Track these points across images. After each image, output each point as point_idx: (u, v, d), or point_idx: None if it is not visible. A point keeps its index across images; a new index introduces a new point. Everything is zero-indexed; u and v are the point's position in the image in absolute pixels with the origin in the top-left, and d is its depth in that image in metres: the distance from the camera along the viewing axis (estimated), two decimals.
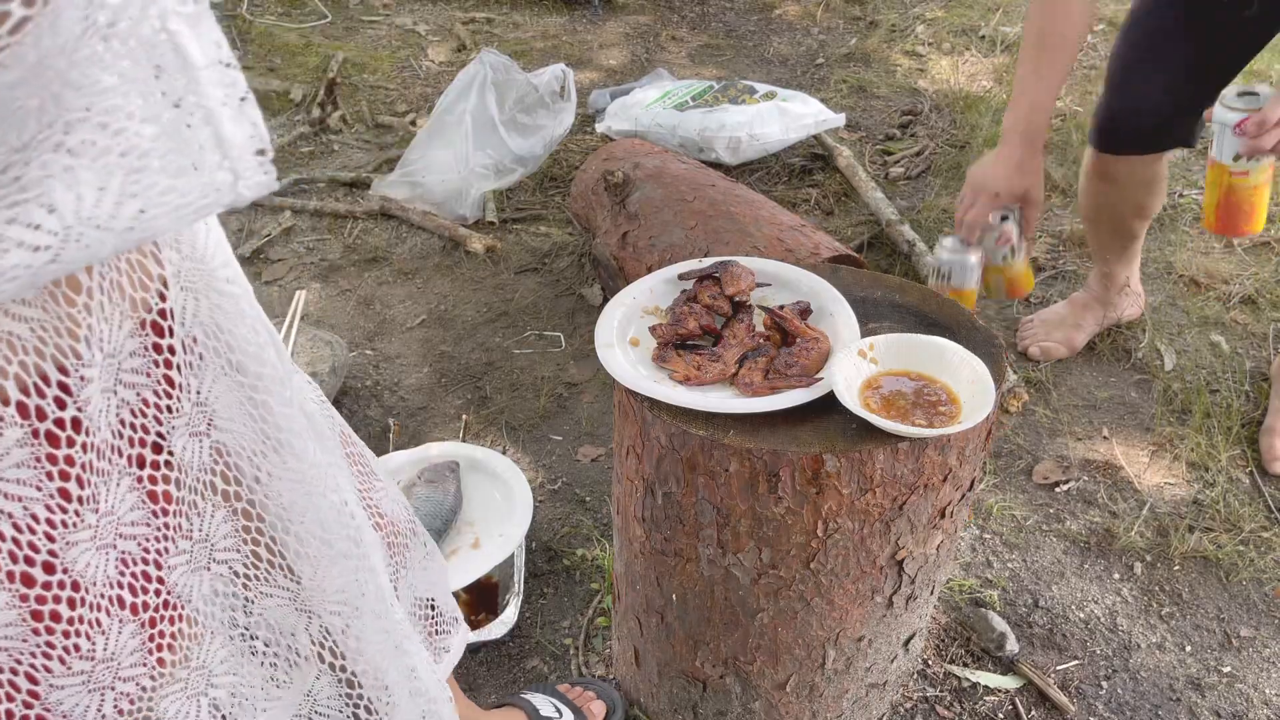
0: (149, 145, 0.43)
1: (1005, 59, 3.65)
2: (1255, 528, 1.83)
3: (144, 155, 0.43)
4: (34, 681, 0.60)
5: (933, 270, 1.69)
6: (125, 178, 0.43)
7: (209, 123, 0.44)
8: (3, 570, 0.55)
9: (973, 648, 1.63)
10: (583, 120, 3.30)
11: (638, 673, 1.46)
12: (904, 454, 1.06)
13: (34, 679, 0.60)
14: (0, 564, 0.55)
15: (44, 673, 0.60)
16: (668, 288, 1.31)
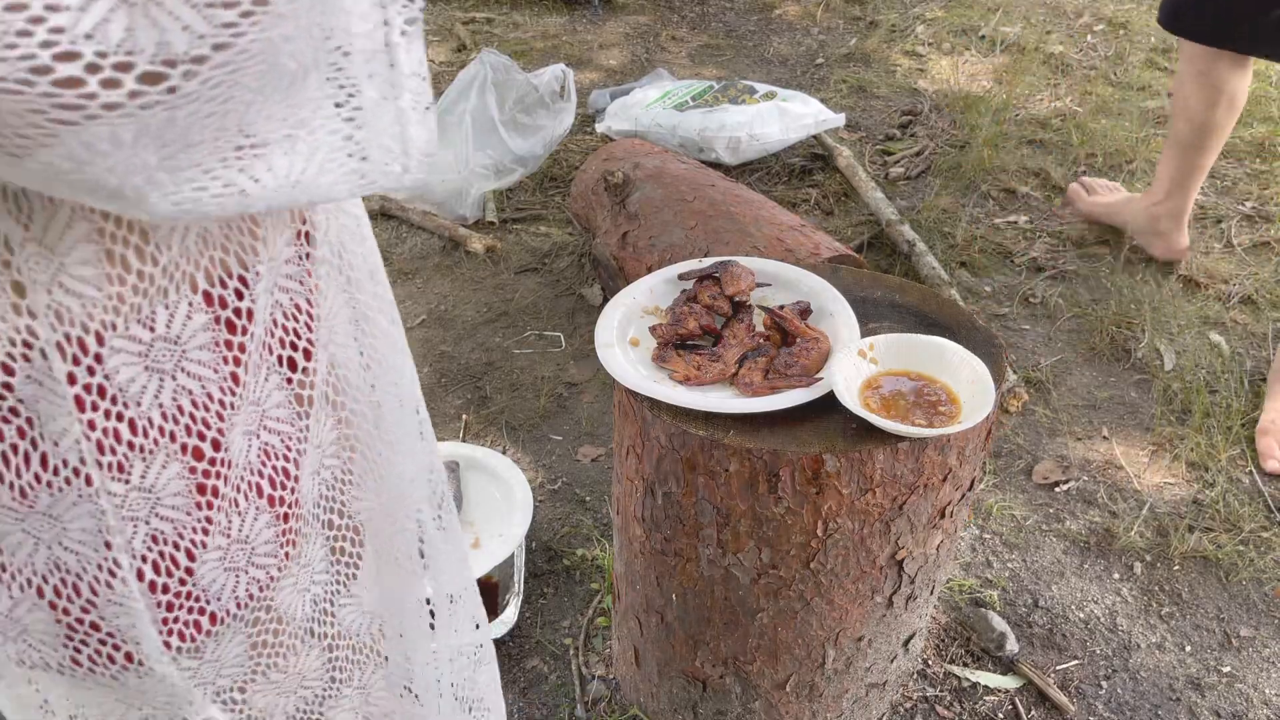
0: (351, 131, 0.51)
1: (1005, 59, 3.65)
2: (1255, 528, 1.83)
3: (346, 139, 0.50)
4: (191, 557, 0.65)
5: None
6: (328, 154, 0.50)
7: (399, 122, 0.52)
8: (180, 442, 0.61)
9: (973, 648, 1.63)
10: (583, 120, 3.30)
11: (638, 673, 1.46)
12: (904, 454, 1.06)
13: (191, 554, 0.64)
14: (179, 436, 0.60)
15: (200, 549, 0.65)
16: (668, 288, 1.31)
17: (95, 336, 0.56)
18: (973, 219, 2.77)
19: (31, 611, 0.63)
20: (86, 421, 0.56)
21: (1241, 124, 3.15)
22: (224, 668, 0.73)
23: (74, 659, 0.65)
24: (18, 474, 0.56)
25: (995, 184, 2.92)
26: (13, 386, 0.54)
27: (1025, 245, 2.66)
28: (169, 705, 0.71)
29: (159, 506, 0.62)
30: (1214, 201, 2.81)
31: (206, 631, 0.69)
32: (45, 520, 0.59)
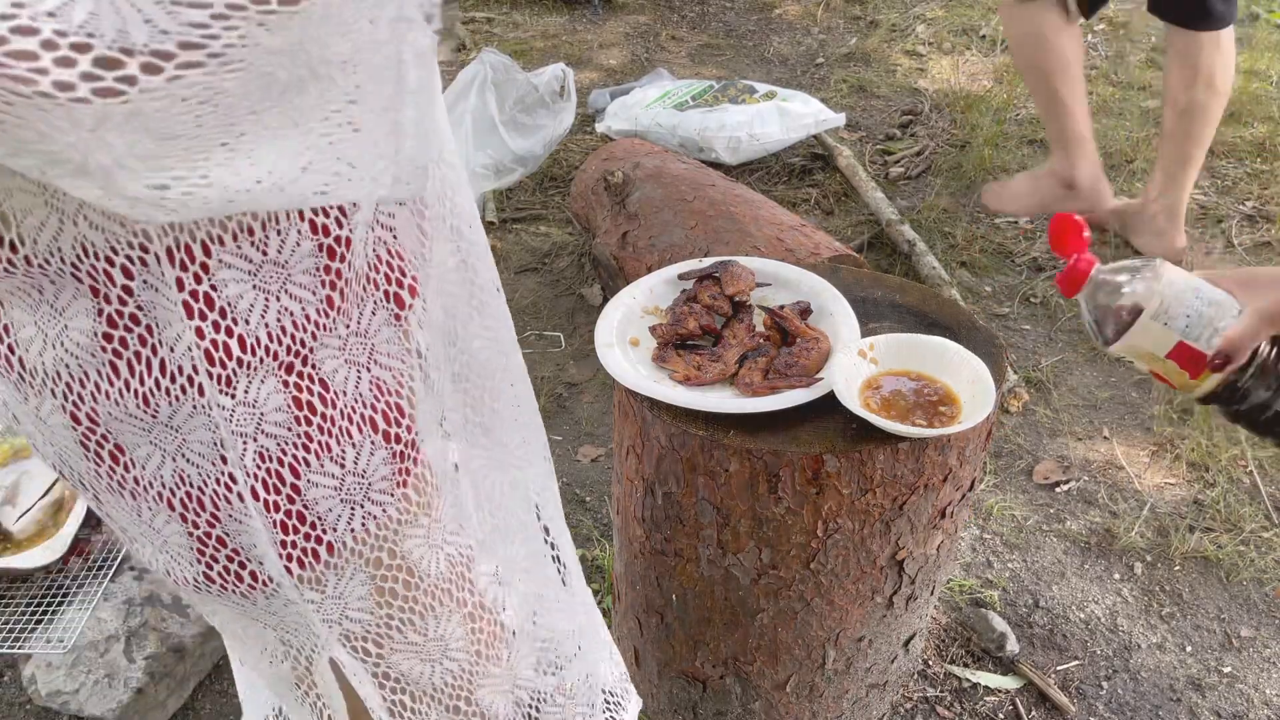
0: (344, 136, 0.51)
1: (1005, 59, 3.65)
2: (1255, 528, 1.83)
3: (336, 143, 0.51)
4: (296, 475, 0.67)
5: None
6: (316, 156, 0.50)
7: (395, 134, 0.52)
8: (281, 361, 0.64)
9: (973, 648, 1.62)
10: (583, 120, 3.30)
11: (638, 673, 1.46)
12: (904, 454, 1.06)
13: (296, 471, 0.67)
14: (280, 355, 0.64)
15: (303, 466, 0.67)
16: (668, 288, 1.30)
17: (201, 246, 0.58)
18: (973, 219, 2.77)
19: (168, 523, 0.66)
20: (195, 329, 0.59)
21: (1241, 124, 3.15)
22: (349, 608, 0.74)
23: (206, 574, 0.68)
24: (140, 380, 0.59)
25: None
26: (133, 290, 0.57)
27: (1026, 245, 2.66)
28: (299, 632, 0.74)
29: (264, 423, 0.65)
30: (1215, 201, 2.81)
31: (325, 562, 0.71)
32: (167, 431, 0.62)
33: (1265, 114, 3.19)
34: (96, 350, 0.59)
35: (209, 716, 1.56)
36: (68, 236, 0.55)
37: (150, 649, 1.49)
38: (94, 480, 0.65)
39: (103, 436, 0.62)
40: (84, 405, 0.60)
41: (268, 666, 0.78)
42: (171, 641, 1.52)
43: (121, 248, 0.56)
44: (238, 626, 0.76)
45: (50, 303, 0.57)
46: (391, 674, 0.79)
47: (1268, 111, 3.20)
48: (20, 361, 0.60)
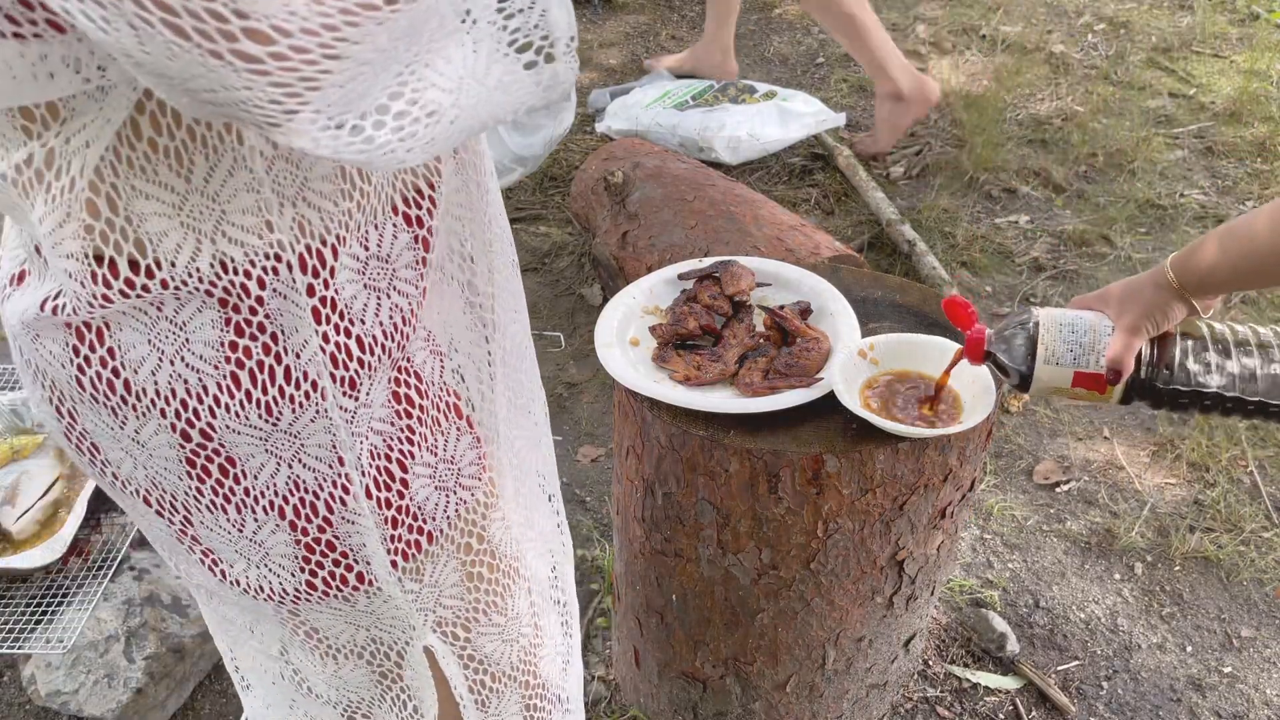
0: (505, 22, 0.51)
1: (1005, 58, 3.65)
2: (1256, 528, 1.82)
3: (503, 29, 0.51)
4: (404, 469, 0.67)
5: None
6: (493, 46, 0.50)
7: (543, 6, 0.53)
8: (391, 356, 0.64)
9: (973, 648, 1.62)
10: (583, 120, 3.30)
11: (638, 673, 1.46)
12: (904, 454, 1.06)
13: (404, 465, 0.67)
14: (392, 350, 0.64)
15: (409, 459, 0.68)
16: (668, 288, 1.30)
17: (331, 250, 0.59)
18: (973, 218, 2.77)
19: (274, 534, 0.66)
20: (322, 334, 0.60)
21: (1242, 124, 3.15)
22: (443, 595, 0.75)
23: (309, 582, 0.69)
24: (264, 390, 0.59)
25: (996, 183, 2.91)
26: (264, 300, 0.57)
27: (1026, 245, 2.65)
28: (393, 628, 0.75)
29: (374, 421, 0.65)
30: (1215, 201, 2.81)
31: (425, 551, 0.72)
32: (286, 438, 0.62)
33: (1265, 114, 3.19)
34: (220, 362, 0.58)
35: (209, 717, 1.56)
36: (205, 255, 0.55)
37: (150, 649, 1.49)
38: (193, 499, 0.64)
39: (214, 451, 0.61)
40: (199, 421, 0.60)
41: (331, 675, 0.78)
42: (171, 642, 1.52)
43: (259, 260, 0.56)
44: (325, 632, 0.75)
45: (170, 318, 0.57)
46: (476, 656, 0.81)
47: (1267, 111, 3.20)
48: (125, 384, 0.58)
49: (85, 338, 0.57)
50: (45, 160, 0.53)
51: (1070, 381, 0.96)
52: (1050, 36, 3.82)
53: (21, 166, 0.53)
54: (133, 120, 0.51)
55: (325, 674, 0.79)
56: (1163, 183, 2.88)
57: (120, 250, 0.54)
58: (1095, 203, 2.81)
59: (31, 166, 0.53)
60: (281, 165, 0.55)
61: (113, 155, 0.52)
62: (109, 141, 0.51)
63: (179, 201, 0.53)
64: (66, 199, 0.53)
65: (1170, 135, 3.12)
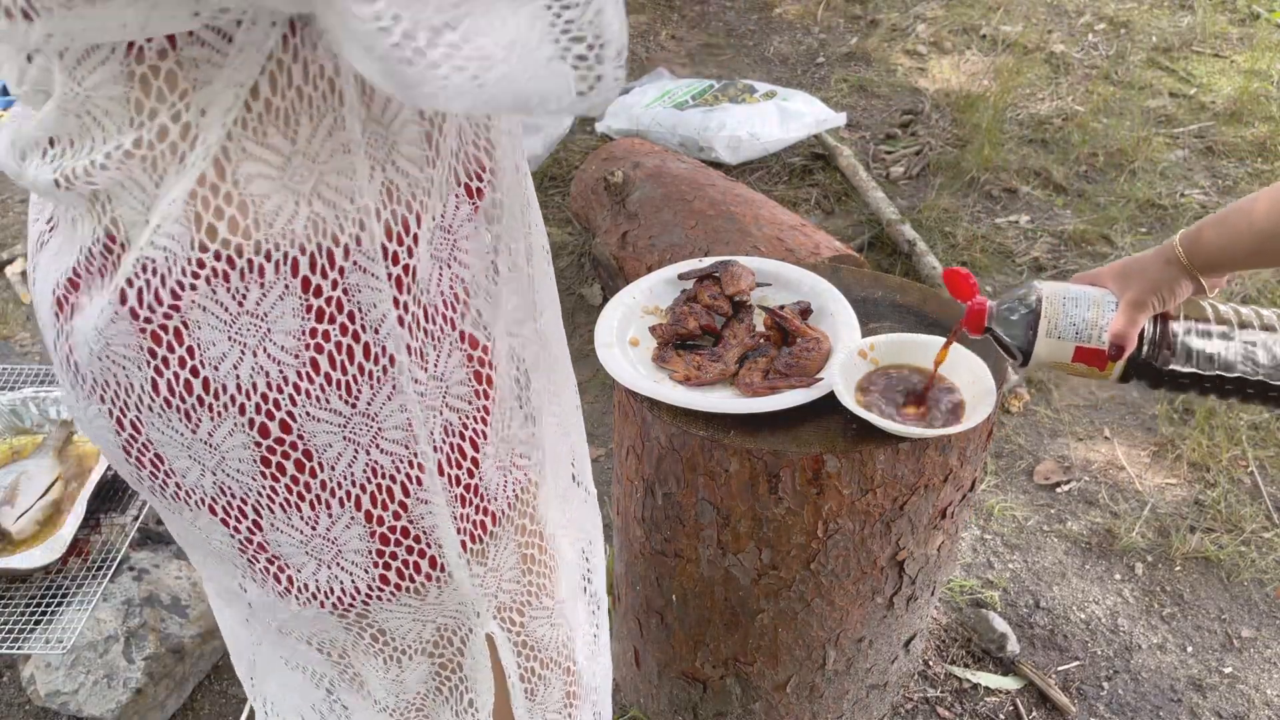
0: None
1: (1006, 58, 3.65)
2: (1256, 528, 1.82)
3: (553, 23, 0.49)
4: (475, 448, 0.67)
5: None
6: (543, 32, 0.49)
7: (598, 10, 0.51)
8: (459, 330, 0.64)
9: (973, 648, 1.62)
10: (583, 120, 3.30)
11: (638, 673, 1.45)
12: (905, 454, 1.06)
13: (475, 444, 0.67)
14: (458, 324, 0.64)
15: (481, 439, 0.68)
16: (668, 288, 1.30)
17: (415, 217, 0.59)
18: (974, 218, 2.77)
19: (348, 528, 0.65)
20: (402, 305, 0.60)
21: (1242, 124, 3.14)
22: (503, 579, 0.75)
23: (383, 576, 0.68)
24: (343, 370, 0.59)
25: (996, 183, 2.91)
26: (345, 272, 0.57)
27: (1026, 245, 2.65)
28: (458, 616, 0.74)
29: (448, 396, 0.65)
30: (1216, 201, 2.81)
31: (489, 533, 0.71)
32: (364, 421, 0.61)
33: (1265, 114, 3.19)
34: (301, 350, 0.58)
35: (208, 717, 1.56)
36: (301, 216, 0.55)
37: (149, 649, 1.49)
38: (265, 500, 0.63)
39: (291, 445, 0.60)
40: (278, 411, 0.59)
41: (393, 679, 0.78)
42: (170, 642, 1.51)
43: (347, 225, 0.56)
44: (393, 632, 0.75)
45: (252, 311, 0.56)
46: (529, 642, 0.80)
47: (1268, 111, 3.20)
48: (204, 383, 0.58)
49: (162, 340, 0.56)
50: (181, 133, 0.53)
51: (1071, 356, 0.94)
52: (1050, 36, 3.82)
53: (153, 141, 0.53)
54: (254, 84, 0.52)
55: (387, 679, 0.78)
56: (1163, 182, 2.88)
57: (221, 215, 0.54)
58: (1095, 202, 2.81)
59: (166, 139, 0.53)
60: (374, 128, 0.56)
61: (238, 122, 0.52)
62: (240, 110, 0.52)
63: (283, 163, 0.54)
64: (197, 168, 0.53)
65: (1170, 135, 3.12)
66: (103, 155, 0.53)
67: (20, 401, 1.71)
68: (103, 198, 0.55)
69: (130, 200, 0.55)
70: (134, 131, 0.53)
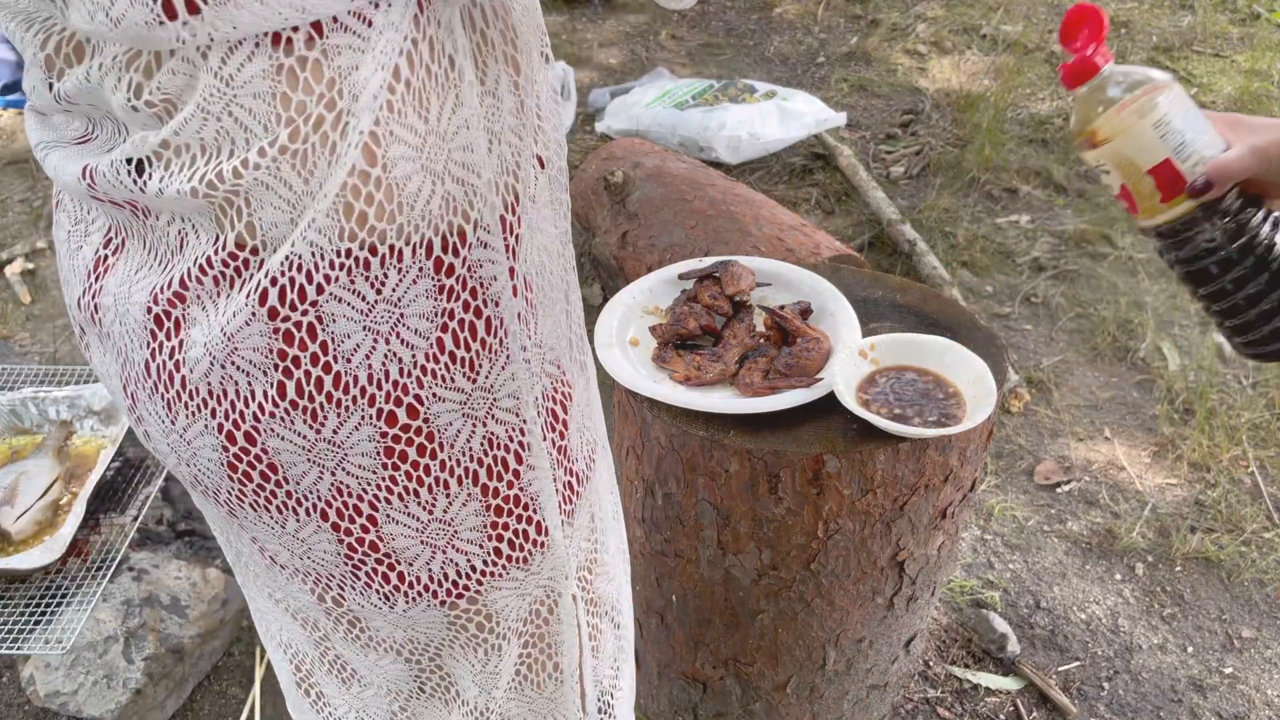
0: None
1: (1006, 58, 3.65)
2: (1257, 528, 1.82)
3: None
4: (565, 410, 0.69)
5: None
6: None
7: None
8: (548, 294, 0.66)
9: (974, 649, 1.62)
10: (583, 120, 3.30)
11: (638, 674, 1.45)
12: (905, 454, 1.06)
13: (565, 407, 0.69)
14: (547, 290, 0.66)
15: (569, 401, 0.69)
16: (668, 288, 1.30)
17: (522, 185, 0.60)
18: (974, 218, 2.77)
19: (465, 505, 0.65)
20: (517, 275, 0.61)
21: None
22: (581, 539, 0.76)
23: (496, 549, 0.69)
24: (466, 347, 0.60)
25: (997, 183, 2.91)
26: (472, 248, 0.58)
27: (1027, 245, 2.65)
28: (551, 582, 0.75)
29: (546, 362, 0.67)
30: None
31: (576, 493, 0.73)
32: (482, 395, 0.62)
33: (1266, 113, 3.18)
34: (431, 331, 0.58)
35: (208, 717, 1.56)
36: (438, 196, 0.55)
37: (149, 650, 1.49)
38: (384, 493, 0.62)
39: (416, 430, 0.60)
40: (406, 398, 0.59)
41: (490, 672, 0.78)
42: (170, 643, 1.51)
43: (476, 200, 0.57)
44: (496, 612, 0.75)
45: (389, 298, 0.56)
46: (593, 598, 0.81)
47: (1268, 111, 3.20)
48: (335, 378, 0.57)
49: (295, 338, 0.56)
50: (334, 122, 0.52)
51: (1152, 164, 0.83)
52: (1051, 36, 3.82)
53: (308, 133, 0.52)
54: (395, 65, 0.52)
55: (484, 673, 0.77)
56: None
57: (371, 200, 0.53)
58: (1095, 202, 2.80)
59: (319, 131, 0.52)
60: (489, 101, 0.56)
61: (384, 106, 0.52)
62: (385, 94, 0.52)
63: (420, 143, 0.54)
64: (349, 158, 0.52)
65: None
66: (254, 154, 0.52)
67: (20, 401, 1.71)
68: (239, 202, 0.53)
69: (275, 200, 0.53)
70: (283, 128, 0.52)
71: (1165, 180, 0.83)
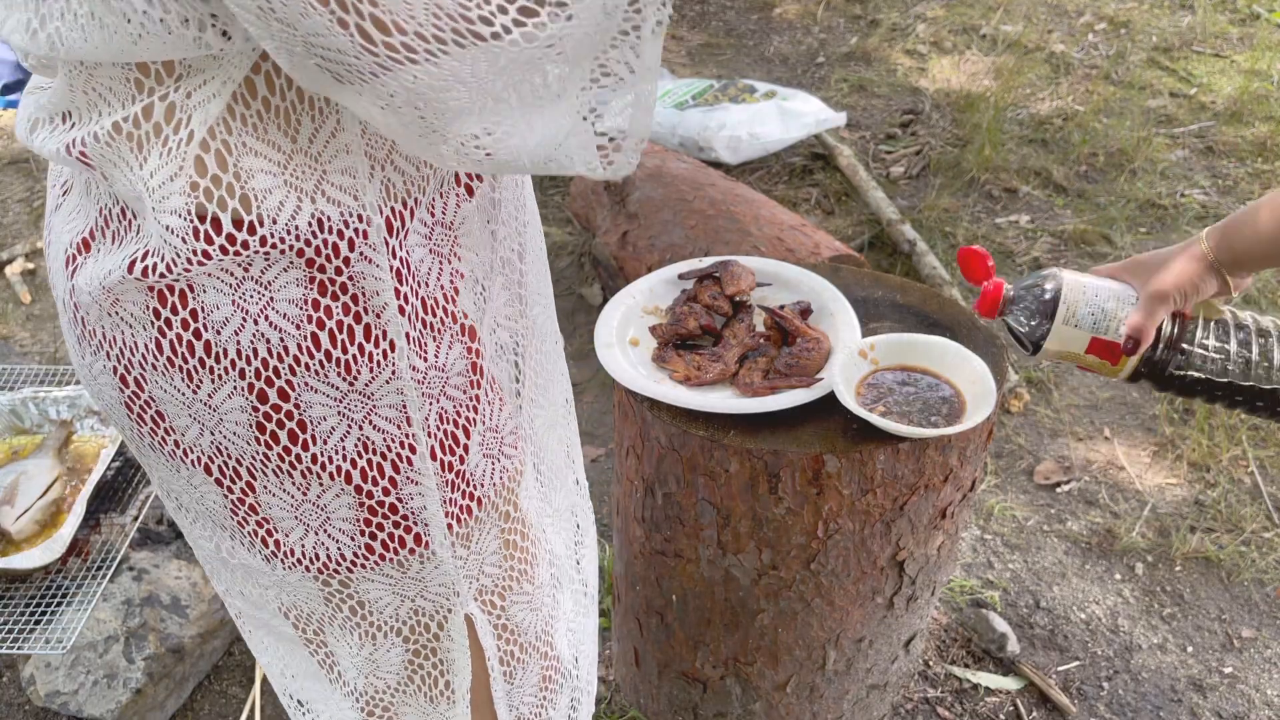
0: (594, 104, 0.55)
1: (1006, 58, 3.65)
2: (1256, 528, 1.82)
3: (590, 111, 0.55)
4: (467, 435, 0.69)
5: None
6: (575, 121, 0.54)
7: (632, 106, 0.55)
8: (459, 323, 0.67)
9: (974, 649, 1.62)
10: None
11: (638, 674, 1.45)
12: (905, 454, 1.06)
13: (467, 432, 0.69)
14: (459, 317, 0.66)
15: (473, 426, 0.70)
16: (668, 288, 1.30)
17: (410, 211, 0.61)
18: (974, 218, 2.77)
19: (338, 497, 0.67)
20: (402, 295, 0.62)
21: (1243, 124, 3.14)
22: (485, 563, 0.77)
23: (369, 545, 0.70)
24: (343, 349, 0.61)
25: (996, 183, 2.91)
26: (350, 261, 0.59)
27: (1027, 245, 2.65)
28: (439, 595, 0.76)
29: (448, 386, 0.67)
30: (1216, 201, 2.81)
31: (475, 516, 0.73)
32: (360, 399, 0.64)
33: (1266, 114, 3.19)
34: (303, 321, 0.59)
35: (208, 717, 1.56)
36: (305, 213, 0.57)
37: (149, 650, 1.49)
38: (259, 464, 0.65)
39: (287, 414, 0.62)
40: (278, 379, 0.61)
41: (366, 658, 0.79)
42: (170, 642, 1.51)
43: (352, 220, 0.58)
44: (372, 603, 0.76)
45: (256, 278, 0.58)
46: (509, 625, 0.82)
47: (1268, 111, 3.20)
48: (206, 346, 0.59)
49: (168, 300, 0.58)
50: (165, 114, 0.55)
51: (1085, 347, 0.93)
52: (1051, 36, 3.82)
53: (139, 119, 0.55)
54: (249, 80, 0.54)
55: (360, 657, 0.79)
56: (1163, 182, 2.88)
57: (225, 206, 0.56)
58: (1096, 202, 2.81)
59: (150, 119, 0.55)
60: (373, 131, 0.58)
61: (227, 112, 0.54)
62: (227, 99, 0.54)
63: (285, 160, 0.56)
64: (182, 153, 0.54)
65: (1171, 135, 3.12)
66: (104, 129, 0.55)
67: (20, 401, 1.71)
68: (98, 172, 0.57)
69: (121, 178, 0.57)
70: (133, 106, 0.55)
71: (1103, 351, 0.93)
